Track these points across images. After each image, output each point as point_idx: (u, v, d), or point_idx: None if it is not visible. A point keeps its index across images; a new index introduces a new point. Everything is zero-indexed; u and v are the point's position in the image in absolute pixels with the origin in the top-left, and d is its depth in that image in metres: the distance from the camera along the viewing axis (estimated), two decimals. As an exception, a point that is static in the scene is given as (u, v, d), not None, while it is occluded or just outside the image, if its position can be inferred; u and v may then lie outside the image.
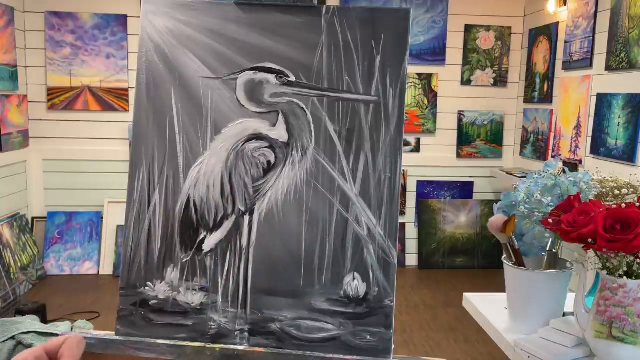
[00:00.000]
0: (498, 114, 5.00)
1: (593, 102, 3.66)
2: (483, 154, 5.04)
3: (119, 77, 4.61)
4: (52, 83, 4.54)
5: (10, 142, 4.23)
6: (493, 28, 4.91)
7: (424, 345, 3.46)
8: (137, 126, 1.22)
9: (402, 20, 1.18)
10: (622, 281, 1.14)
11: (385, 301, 1.14)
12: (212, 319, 1.16)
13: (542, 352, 1.26)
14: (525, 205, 1.36)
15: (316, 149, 1.17)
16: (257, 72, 1.19)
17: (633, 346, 1.14)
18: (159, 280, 1.18)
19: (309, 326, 1.14)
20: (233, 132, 1.19)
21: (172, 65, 1.21)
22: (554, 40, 4.30)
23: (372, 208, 1.16)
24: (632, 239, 1.08)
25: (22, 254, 4.23)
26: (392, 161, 1.16)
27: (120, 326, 1.17)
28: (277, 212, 1.17)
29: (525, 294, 1.39)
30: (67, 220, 4.63)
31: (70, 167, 4.64)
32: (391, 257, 1.15)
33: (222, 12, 1.21)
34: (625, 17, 3.33)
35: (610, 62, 3.46)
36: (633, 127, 3.21)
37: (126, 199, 1.21)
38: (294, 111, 1.18)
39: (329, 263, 1.15)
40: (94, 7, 4.54)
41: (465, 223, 5.02)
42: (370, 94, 1.17)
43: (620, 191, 1.39)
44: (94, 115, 4.62)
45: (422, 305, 4.14)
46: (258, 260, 1.16)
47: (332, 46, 1.18)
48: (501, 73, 4.97)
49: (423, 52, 4.88)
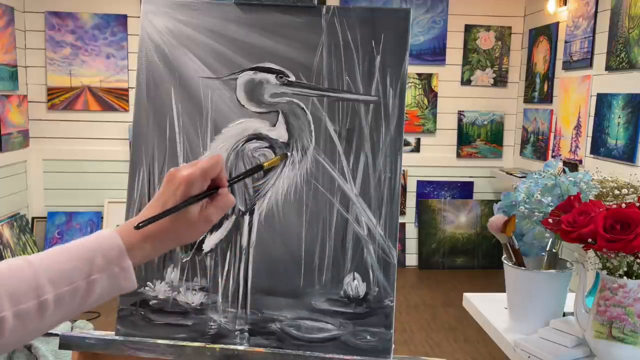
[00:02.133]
0: (498, 114, 5.00)
1: (593, 102, 3.66)
2: (483, 154, 5.04)
3: (119, 77, 4.61)
4: (52, 83, 4.54)
5: (10, 142, 4.24)
6: (493, 28, 4.91)
7: (424, 345, 3.46)
8: (137, 126, 1.22)
9: (402, 20, 1.18)
10: (622, 281, 1.14)
11: (385, 301, 1.14)
12: (212, 319, 1.16)
13: (542, 352, 1.26)
14: (525, 205, 1.36)
15: (316, 149, 1.17)
16: (257, 72, 1.19)
17: (633, 346, 1.14)
18: (159, 280, 1.18)
19: (309, 326, 1.14)
20: (233, 132, 1.19)
21: (172, 65, 1.21)
22: (554, 40, 4.30)
23: (372, 208, 1.16)
24: (632, 239, 1.08)
25: (22, 254, 4.23)
26: (392, 161, 1.16)
27: (120, 326, 1.17)
28: (277, 212, 1.17)
29: (525, 294, 1.39)
30: (67, 220, 4.64)
31: (70, 167, 4.64)
32: (391, 257, 1.15)
33: (222, 12, 1.21)
34: (625, 17, 3.33)
35: (610, 62, 3.46)
36: (633, 127, 3.21)
37: (126, 199, 1.21)
38: (294, 111, 1.18)
39: (329, 263, 1.15)
40: (94, 7, 4.54)
41: (465, 223, 5.02)
42: (370, 94, 1.17)
43: (620, 191, 1.39)
44: (94, 115, 4.62)
45: (422, 305, 4.14)
46: (258, 260, 1.16)
47: (332, 46, 1.18)
48: (501, 73, 4.97)
49: (423, 52, 4.88)
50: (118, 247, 0.74)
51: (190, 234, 0.80)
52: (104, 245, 0.74)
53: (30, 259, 0.71)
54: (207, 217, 0.79)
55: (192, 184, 0.76)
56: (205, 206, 0.79)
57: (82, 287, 0.71)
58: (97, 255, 0.73)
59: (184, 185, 0.76)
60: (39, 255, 0.72)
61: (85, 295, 0.72)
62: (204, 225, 0.80)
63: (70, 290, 0.71)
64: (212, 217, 0.79)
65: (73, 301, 0.71)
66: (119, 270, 0.74)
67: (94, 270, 0.72)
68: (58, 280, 0.70)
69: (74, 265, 0.71)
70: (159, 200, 0.77)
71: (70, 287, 0.71)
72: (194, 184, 0.77)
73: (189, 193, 0.77)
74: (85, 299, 0.72)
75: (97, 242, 0.74)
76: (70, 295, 0.71)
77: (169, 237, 0.78)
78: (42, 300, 0.69)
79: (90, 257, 0.72)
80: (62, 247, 0.74)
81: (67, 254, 0.73)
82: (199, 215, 0.78)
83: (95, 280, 0.72)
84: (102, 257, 0.73)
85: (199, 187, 0.78)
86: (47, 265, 0.71)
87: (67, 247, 0.74)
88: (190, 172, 0.77)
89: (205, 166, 0.78)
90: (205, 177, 0.78)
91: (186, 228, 0.78)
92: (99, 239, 0.75)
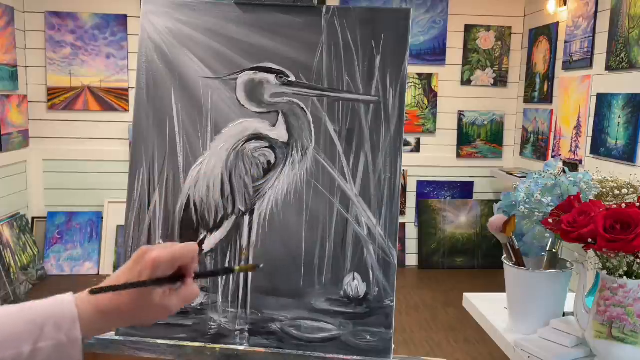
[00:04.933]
0: (498, 114, 5.00)
1: (593, 102, 3.66)
2: (483, 154, 5.04)
3: (119, 77, 4.61)
4: (52, 83, 4.54)
5: (10, 142, 4.24)
6: (493, 28, 4.91)
7: (424, 345, 3.46)
8: (137, 126, 1.22)
9: (402, 20, 1.18)
10: (622, 281, 1.14)
11: (385, 301, 1.14)
12: (212, 318, 1.16)
13: (542, 352, 1.26)
14: (525, 205, 1.36)
15: (316, 149, 1.17)
16: (257, 72, 1.19)
17: (633, 346, 1.14)
18: (159, 280, 1.18)
19: (309, 326, 1.14)
20: (233, 132, 1.19)
21: (172, 65, 1.21)
22: (554, 40, 4.30)
23: (372, 208, 1.16)
24: (632, 239, 1.08)
25: (22, 254, 4.23)
26: (392, 161, 1.17)
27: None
28: (277, 212, 1.17)
29: (525, 294, 1.39)
30: (67, 220, 4.64)
31: (70, 167, 4.63)
32: (391, 257, 1.15)
33: (222, 12, 1.21)
34: (625, 17, 3.33)
35: (610, 62, 3.46)
36: (633, 127, 3.21)
37: (126, 199, 1.21)
38: (294, 111, 1.18)
39: (329, 263, 1.15)
40: (94, 7, 4.53)
41: (465, 223, 5.02)
42: (370, 94, 1.17)
43: (620, 191, 1.39)
44: (94, 115, 4.62)
45: (422, 305, 4.14)
46: (258, 260, 1.16)
47: (332, 46, 1.18)
48: (501, 73, 4.97)
49: (423, 52, 4.88)
50: (71, 316, 0.72)
51: (146, 317, 0.76)
52: (59, 312, 0.72)
53: None
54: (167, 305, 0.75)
55: (157, 267, 0.73)
56: (168, 293, 0.75)
57: (26, 353, 0.70)
58: (49, 322, 0.71)
59: (149, 268, 0.73)
60: None
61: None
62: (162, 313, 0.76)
63: (14, 355, 0.69)
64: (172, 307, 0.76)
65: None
66: (67, 341, 0.71)
67: (42, 337, 0.70)
68: (3, 344, 0.69)
69: (24, 329, 0.70)
70: (123, 275, 0.75)
71: (15, 351, 0.69)
72: (160, 267, 0.74)
73: (154, 275, 0.74)
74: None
75: (52, 308, 0.72)
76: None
77: (123, 316, 0.75)
78: None
79: (42, 323, 0.71)
80: (17, 307, 0.72)
81: (20, 315, 0.71)
82: (159, 301, 0.74)
83: (40, 349, 0.70)
84: (54, 324, 0.71)
85: (164, 272, 0.74)
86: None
87: (22, 307, 0.72)
88: (159, 254, 0.74)
89: (176, 252, 0.75)
90: (174, 264, 0.75)
91: (143, 310, 0.75)
92: (54, 305, 0.73)
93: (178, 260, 0.75)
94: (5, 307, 0.72)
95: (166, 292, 0.75)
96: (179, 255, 0.75)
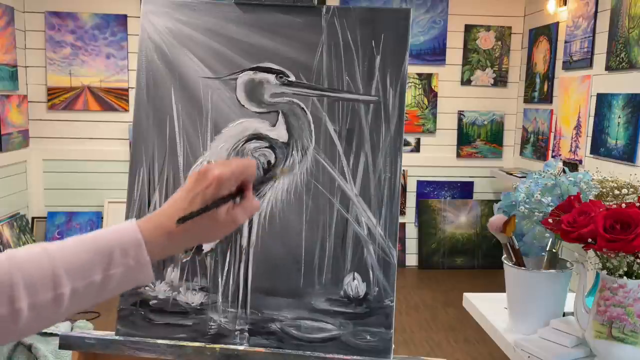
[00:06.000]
0: (498, 114, 5.00)
1: (593, 102, 3.66)
2: (483, 154, 5.04)
3: (119, 77, 4.61)
4: (52, 83, 4.54)
5: (10, 142, 4.23)
6: (493, 28, 4.91)
7: (424, 345, 3.46)
8: (137, 126, 1.22)
9: (402, 20, 1.18)
10: (622, 281, 1.14)
11: (385, 301, 1.14)
12: (212, 318, 1.16)
13: (542, 352, 1.26)
14: (525, 205, 1.36)
15: (316, 149, 1.17)
16: (257, 72, 1.19)
17: (633, 346, 1.14)
18: (159, 280, 1.18)
19: (309, 326, 1.14)
20: (233, 132, 1.19)
21: (172, 65, 1.21)
22: (554, 40, 4.30)
23: (372, 208, 1.16)
24: (632, 239, 1.08)
25: (22, 254, 4.23)
26: (392, 161, 1.17)
27: (120, 326, 1.17)
28: (277, 212, 1.17)
29: (525, 294, 1.39)
30: (67, 220, 4.64)
31: (70, 167, 4.63)
32: (391, 257, 1.15)
33: (222, 12, 1.21)
34: (625, 17, 3.33)
35: (610, 62, 3.46)
36: (633, 127, 3.21)
37: (126, 199, 1.21)
38: (294, 111, 1.18)
39: (329, 263, 1.15)
40: (94, 7, 4.53)
41: (465, 223, 5.02)
42: (370, 94, 1.17)
43: (620, 191, 1.39)
44: (94, 115, 4.62)
45: (422, 305, 4.14)
46: (258, 260, 1.16)
47: (332, 46, 1.18)
48: (501, 73, 4.97)
49: (423, 52, 4.88)
50: (137, 241, 0.73)
51: (214, 233, 0.80)
52: (124, 239, 0.73)
53: (48, 248, 0.71)
54: (234, 218, 0.78)
55: (223, 184, 0.76)
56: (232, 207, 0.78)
57: (98, 281, 0.71)
58: (116, 250, 0.72)
59: (215, 184, 0.76)
60: (57, 245, 0.72)
61: (100, 289, 0.72)
62: (230, 226, 0.79)
63: (87, 284, 0.70)
64: (239, 218, 0.79)
65: (88, 294, 0.71)
66: (135, 265, 0.73)
67: (112, 265, 0.72)
68: (75, 274, 0.70)
69: (92, 259, 0.71)
70: (187, 195, 0.76)
71: (87, 281, 0.70)
72: (225, 184, 0.76)
73: (219, 192, 0.76)
74: (101, 293, 0.72)
75: (117, 235, 0.74)
76: (86, 289, 0.71)
77: (191, 235, 0.78)
78: (58, 293, 0.68)
79: (109, 251, 0.72)
80: (82, 238, 0.73)
81: (86, 246, 0.72)
82: (226, 216, 0.77)
83: (112, 275, 0.72)
84: (120, 251, 0.72)
85: (228, 188, 0.77)
86: (65, 256, 0.70)
87: (87, 238, 0.73)
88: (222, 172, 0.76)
89: (237, 169, 0.78)
90: (237, 179, 0.78)
91: (211, 227, 0.78)
92: (119, 232, 0.74)
93: (239, 176, 0.78)
94: (64, 241, 0.73)
95: (230, 207, 0.78)
96: (240, 172, 0.78)
